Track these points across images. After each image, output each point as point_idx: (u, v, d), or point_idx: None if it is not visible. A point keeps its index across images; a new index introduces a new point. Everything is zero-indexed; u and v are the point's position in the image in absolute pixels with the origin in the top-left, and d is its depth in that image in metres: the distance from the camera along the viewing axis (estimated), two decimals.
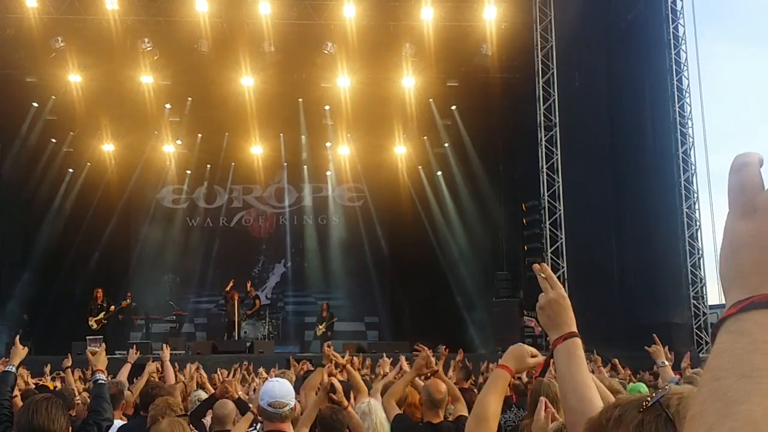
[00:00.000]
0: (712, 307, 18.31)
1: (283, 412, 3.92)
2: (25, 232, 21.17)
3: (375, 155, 22.09)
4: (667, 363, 5.47)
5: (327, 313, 19.54)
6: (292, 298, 23.00)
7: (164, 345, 9.07)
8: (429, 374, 5.36)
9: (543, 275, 2.16)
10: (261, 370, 10.31)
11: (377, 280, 22.68)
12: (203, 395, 6.19)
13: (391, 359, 8.24)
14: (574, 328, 2.01)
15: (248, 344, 17.31)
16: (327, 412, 4.36)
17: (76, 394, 6.76)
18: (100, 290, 18.03)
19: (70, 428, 3.14)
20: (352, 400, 5.27)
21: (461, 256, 21.49)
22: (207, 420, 5.53)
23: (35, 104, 20.06)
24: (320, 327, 19.39)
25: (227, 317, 18.74)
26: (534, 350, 2.62)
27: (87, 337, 15.55)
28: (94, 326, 17.39)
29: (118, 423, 5.27)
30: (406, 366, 7.09)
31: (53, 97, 19.72)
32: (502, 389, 2.56)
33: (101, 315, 17.64)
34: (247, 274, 22.45)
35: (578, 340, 2.00)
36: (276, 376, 6.26)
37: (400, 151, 22.24)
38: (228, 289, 18.83)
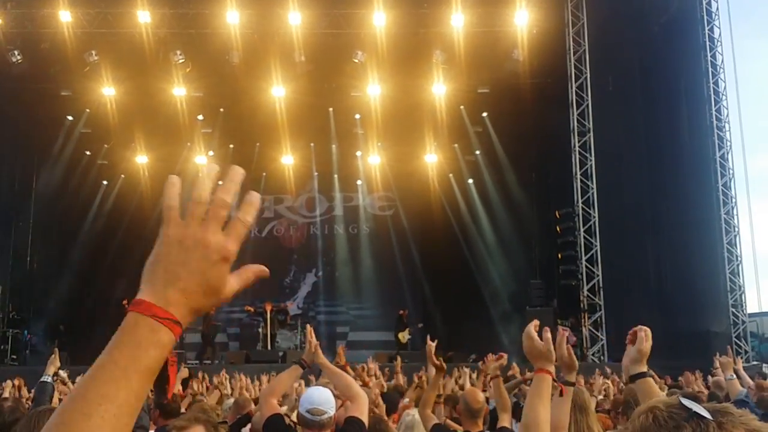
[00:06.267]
0: (751, 315, 17.89)
1: (321, 420, 3.81)
2: (61, 244, 21.44)
3: (405, 164, 22.02)
4: (734, 376, 5.26)
5: (407, 320, 19.23)
6: (323, 308, 22.96)
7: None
8: (491, 379, 5.25)
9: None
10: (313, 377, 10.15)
11: (409, 289, 22.55)
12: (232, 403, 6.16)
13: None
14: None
15: (281, 354, 17.30)
16: (371, 422, 4.24)
17: None
18: None
19: None
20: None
21: (494, 265, 21.28)
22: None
23: (70, 117, 20.38)
24: (403, 334, 19.01)
25: (260, 328, 18.82)
26: (531, 331, 2.63)
27: None
28: None
29: None
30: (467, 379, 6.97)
31: (87, 110, 20.00)
32: (545, 394, 2.53)
33: None
34: (279, 284, 22.52)
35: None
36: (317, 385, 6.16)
37: (431, 159, 22.14)
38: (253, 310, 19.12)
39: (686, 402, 1.25)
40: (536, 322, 2.69)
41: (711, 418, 1.20)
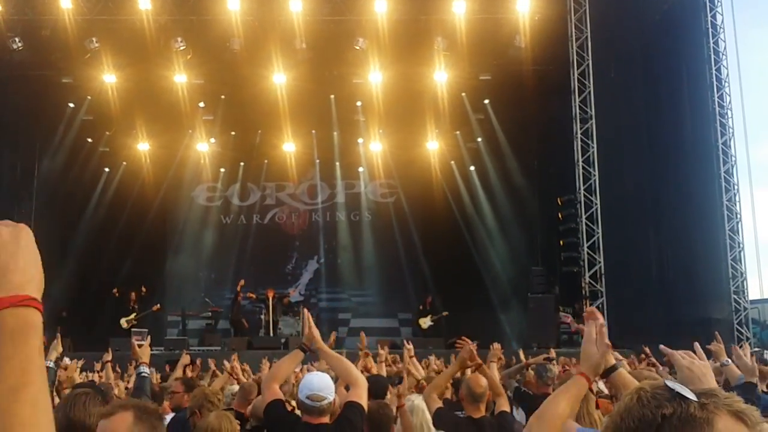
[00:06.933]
0: (753, 302, 17.94)
1: (321, 406, 3.85)
2: (63, 231, 21.46)
3: (407, 151, 21.99)
4: (730, 361, 5.28)
5: (431, 306, 19.11)
6: (325, 295, 23.01)
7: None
8: (473, 368, 5.30)
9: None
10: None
11: (410, 275, 22.58)
12: (236, 389, 6.18)
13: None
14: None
15: (283, 340, 17.37)
16: (374, 407, 4.28)
17: (114, 387, 6.82)
18: (134, 293, 18.49)
19: None
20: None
21: (495, 252, 21.31)
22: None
23: (71, 104, 20.37)
24: (424, 320, 18.93)
25: (237, 315, 18.97)
26: (592, 334, 2.50)
27: (132, 330, 15.93)
28: (125, 325, 17.84)
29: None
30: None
31: (89, 97, 19.98)
32: (574, 395, 2.46)
33: (132, 316, 18.04)
34: (281, 271, 22.59)
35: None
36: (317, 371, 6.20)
37: (433, 146, 22.11)
38: (239, 290, 19.14)
39: (671, 384, 1.30)
40: (600, 323, 2.60)
41: (695, 399, 1.25)
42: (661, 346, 2.36)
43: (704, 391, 1.27)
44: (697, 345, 2.23)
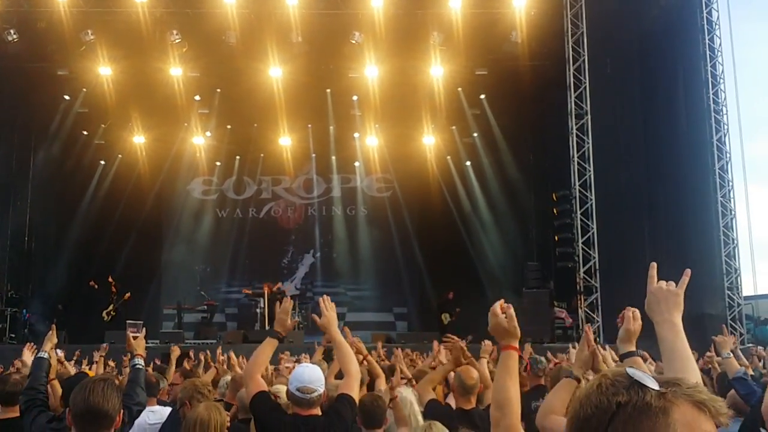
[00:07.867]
0: (746, 298, 17.99)
1: (311, 398, 3.86)
2: (59, 224, 21.46)
3: (403, 145, 21.98)
4: (731, 355, 5.30)
5: (453, 302, 18.98)
6: (320, 289, 23.00)
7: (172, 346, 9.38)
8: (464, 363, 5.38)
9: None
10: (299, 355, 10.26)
11: (406, 270, 22.61)
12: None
13: None
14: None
15: None
16: (367, 399, 4.32)
17: None
18: (112, 285, 18.51)
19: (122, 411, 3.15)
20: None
21: (491, 247, 21.34)
22: None
23: (67, 97, 20.31)
24: (446, 315, 18.85)
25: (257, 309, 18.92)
26: (496, 309, 2.60)
27: (127, 321, 15.91)
28: (105, 318, 17.81)
29: (158, 408, 5.33)
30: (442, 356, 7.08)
31: (84, 89, 19.92)
32: (514, 370, 2.53)
33: (110, 307, 18.02)
34: (277, 265, 22.59)
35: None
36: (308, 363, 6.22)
37: (429, 141, 22.11)
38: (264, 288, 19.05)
39: (631, 371, 1.29)
40: (502, 300, 2.68)
41: (655, 387, 1.24)
42: (652, 264, 2.28)
43: (668, 379, 1.26)
44: (687, 272, 2.19)
